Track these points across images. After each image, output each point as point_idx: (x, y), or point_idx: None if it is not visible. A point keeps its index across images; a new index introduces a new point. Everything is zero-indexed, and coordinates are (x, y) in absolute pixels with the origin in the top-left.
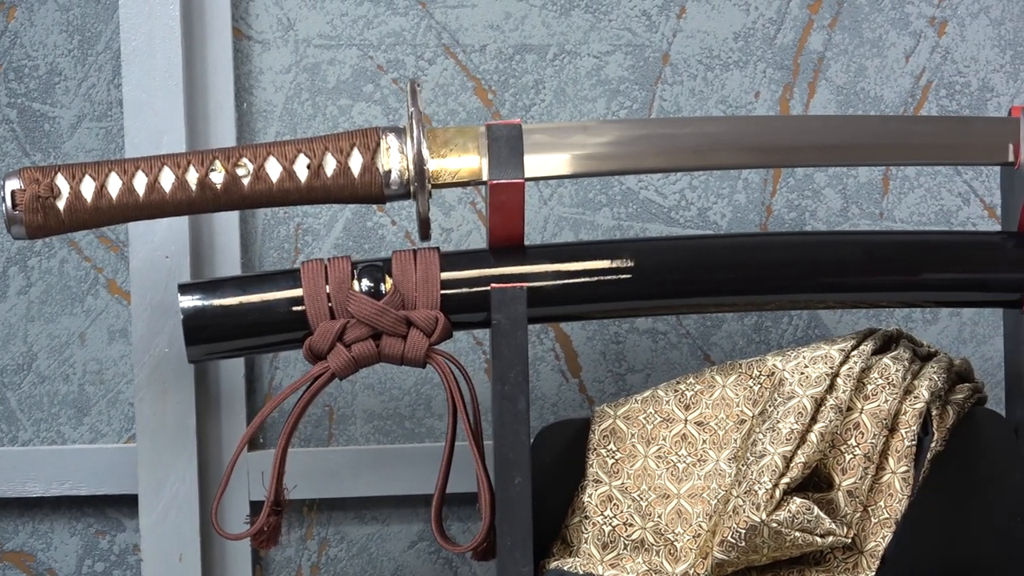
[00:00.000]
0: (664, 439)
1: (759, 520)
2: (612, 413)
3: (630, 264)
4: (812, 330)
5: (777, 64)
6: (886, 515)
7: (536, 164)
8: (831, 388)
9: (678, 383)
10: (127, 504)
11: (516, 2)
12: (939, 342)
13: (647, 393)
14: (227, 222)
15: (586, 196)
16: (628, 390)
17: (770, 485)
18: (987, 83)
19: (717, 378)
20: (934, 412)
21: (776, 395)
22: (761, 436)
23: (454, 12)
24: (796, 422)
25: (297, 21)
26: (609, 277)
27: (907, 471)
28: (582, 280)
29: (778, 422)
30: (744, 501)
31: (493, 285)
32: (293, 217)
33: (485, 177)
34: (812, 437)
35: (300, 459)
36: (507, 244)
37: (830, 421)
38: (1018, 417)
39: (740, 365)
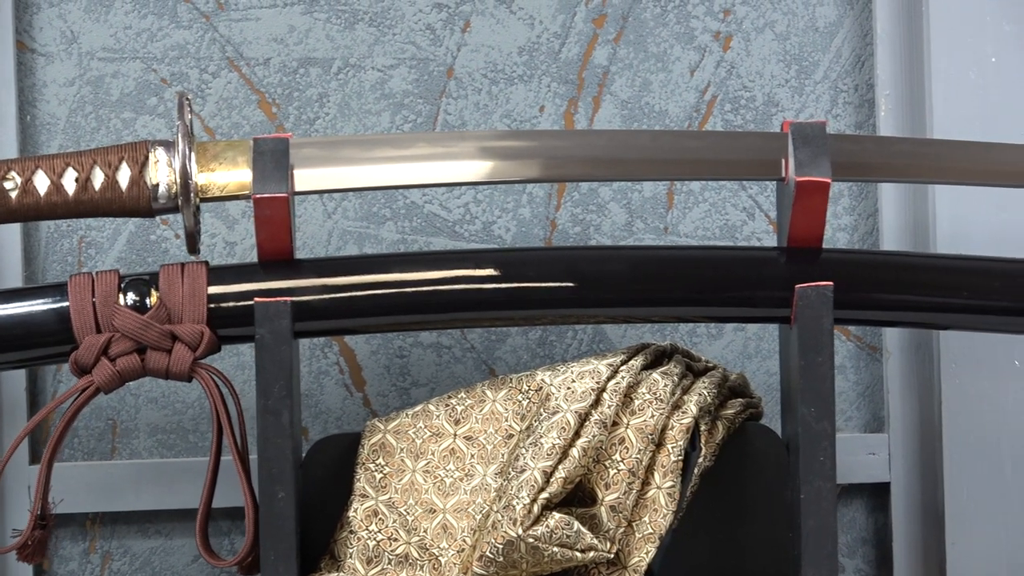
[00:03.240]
0: (433, 454)
1: (516, 535)
2: (382, 428)
3: (399, 278)
4: (597, 344)
5: (562, 78)
6: (650, 530)
7: (307, 178)
8: (597, 403)
9: (449, 397)
10: None
11: (300, 16)
12: (724, 357)
13: (418, 408)
14: (9, 235)
15: (370, 210)
16: (413, 404)
17: (528, 500)
18: (772, 98)
19: (488, 392)
20: (703, 427)
21: (542, 410)
22: (524, 451)
23: (238, 25)
24: (559, 437)
25: (81, 34)
26: (379, 291)
27: (673, 486)
28: (351, 294)
29: (541, 437)
30: (503, 516)
31: (256, 299)
32: (77, 230)
33: (251, 191)
34: (574, 452)
35: (82, 472)
36: (275, 258)
37: (594, 436)
38: (790, 432)
39: (511, 379)
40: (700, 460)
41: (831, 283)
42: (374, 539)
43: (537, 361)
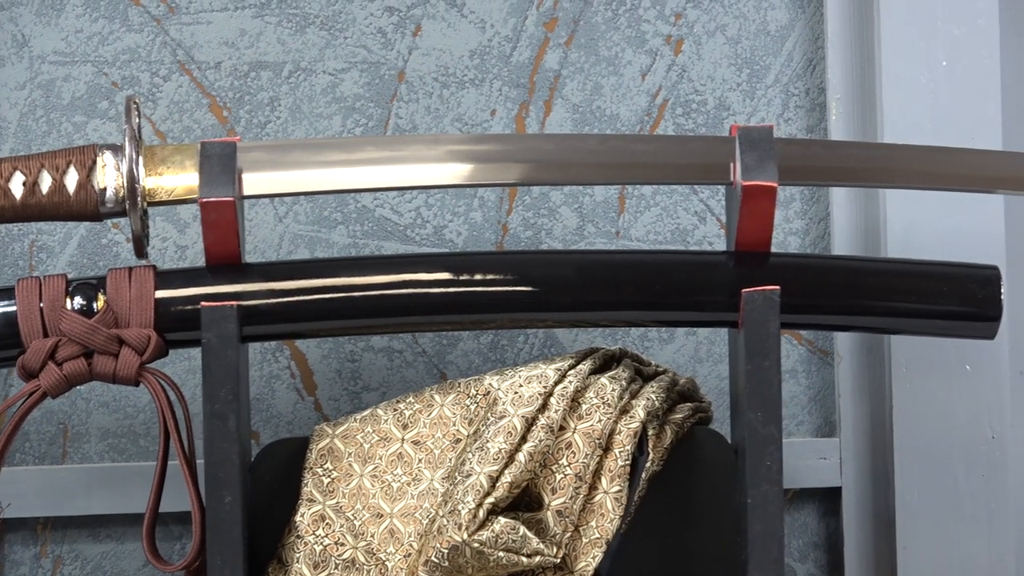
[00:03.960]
0: (381, 458)
1: (461, 540)
2: (330, 432)
3: (347, 282)
4: (548, 348)
5: (513, 82)
6: (597, 535)
7: (255, 182)
8: (544, 407)
9: (398, 402)
10: None
11: (251, 19)
12: (675, 361)
13: (367, 412)
14: None
15: (321, 214)
16: (364, 408)
17: (473, 505)
18: (724, 102)
19: (436, 397)
20: (651, 432)
21: (490, 414)
22: (470, 456)
23: (189, 29)
24: (505, 442)
25: (32, 38)
26: (327, 295)
27: (620, 491)
28: (300, 298)
29: (487, 442)
30: (448, 521)
31: (203, 303)
32: (28, 234)
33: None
34: (520, 457)
35: (33, 476)
36: (223, 262)
37: (540, 441)
38: (739, 436)
39: (459, 384)
40: (648, 465)
41: (778, 287)
42: (321, 544)
43: (489, 365)
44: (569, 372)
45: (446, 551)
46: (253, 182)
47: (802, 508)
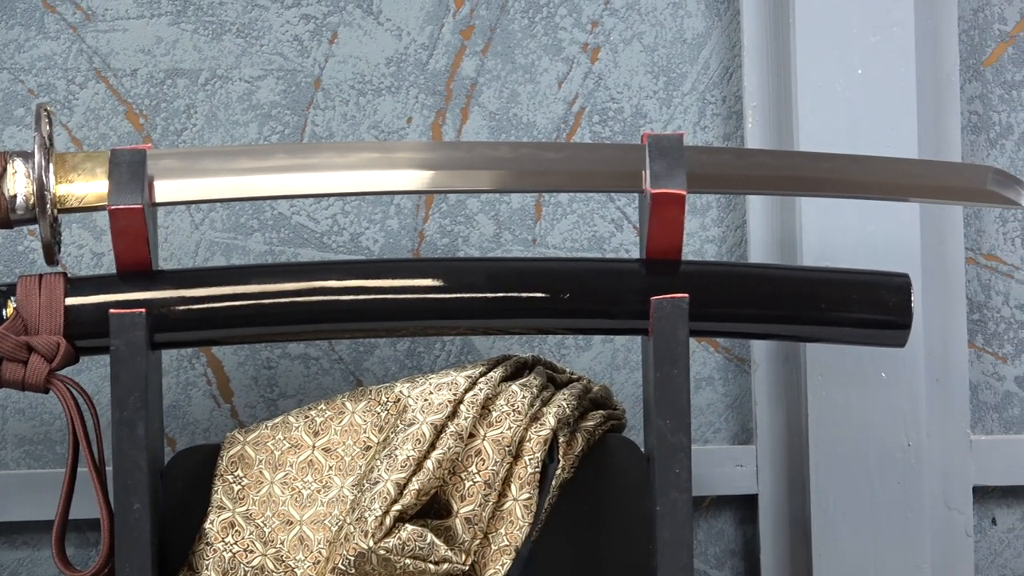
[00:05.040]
0: (291, 465)
1: (367, 547)
2: (242, 439)
3: (258, 289)
4: (465, 355)
5: (430, 89)
6: (506, 542)
7: (166, 189)
8: (453, 415)
9: (309, 409)
10: None
11: (168, 27)
12: (592, 368)
13: (278, 419)
14: None
15: (238, 221)
16: (280, 415)
17: (380, 512)
18: (640, 109)
19: (347, 404)
20: (562, 439)
21: (399, 422)
22: (379, 463)
23: (105, 36)
24: (413, 449)
25: None
26: (238, 303)
27: (529, 498)
28: (211, 305)
29: (396, 449)
30: (355, 528)
31: (112, 311)
32: None
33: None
34: (429, 464)
35: None
36: (133, 269)
37: (449, 448)
38: (649, 444)
39: (370, 391)
40: (558, 472)
41: (686, 295)
42: (230, 551)
43: (405, 372)
44: (480, 379)
45: (352, 558)
46: (164, 189)
47: (719, 515)
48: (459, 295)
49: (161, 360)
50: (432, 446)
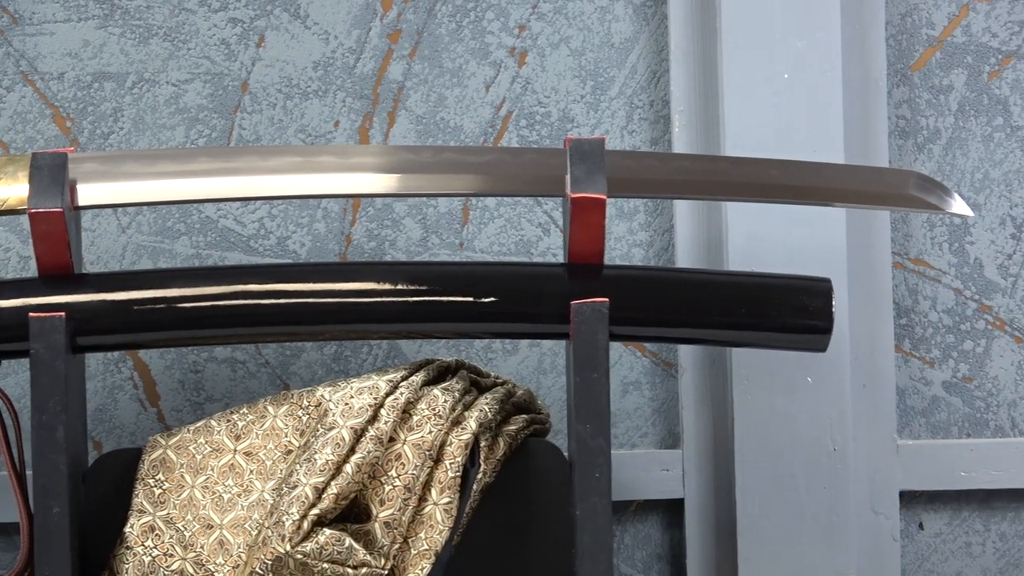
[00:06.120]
0: (212, 469)
1: (284, 551)
2: (164, 443)
3: (180, 293)
4: (392, 359)
5: (357, 93)
6: (426, 546)
7: (88, 193)
8: (374, 419)
9: (232, 413)
10: None
11: (95, 30)
12: (519, 372)
13: (200, 423)
14: None
15: (164, 224)
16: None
17: (298, 516)
18: (567, 113)
19: (269, 408)
20: (483, 443)
21: (320, 426)
22: (298, 467)
23: (32, 40)
24: (333, 453)
25: None
26: (160, 306)
27: (450, 502)
28: (132, 309)
29: (316, 453)
30: (272, 532)
31: (31, 314)
32: None
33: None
34: (348, 468)
35: None
36: (55, 272)
37: (369, 452)
38: (572, 448)
39: (292, 395)
40: (480, 476)
41: (607, 300)
42: (150, 555)
43: (332, 376)
44: (401, 383)
45: (270, 562)
46: (86, 193)
47: (646, 519)
48: (381, 299)
49: (84, 364)
50: (352, 450)
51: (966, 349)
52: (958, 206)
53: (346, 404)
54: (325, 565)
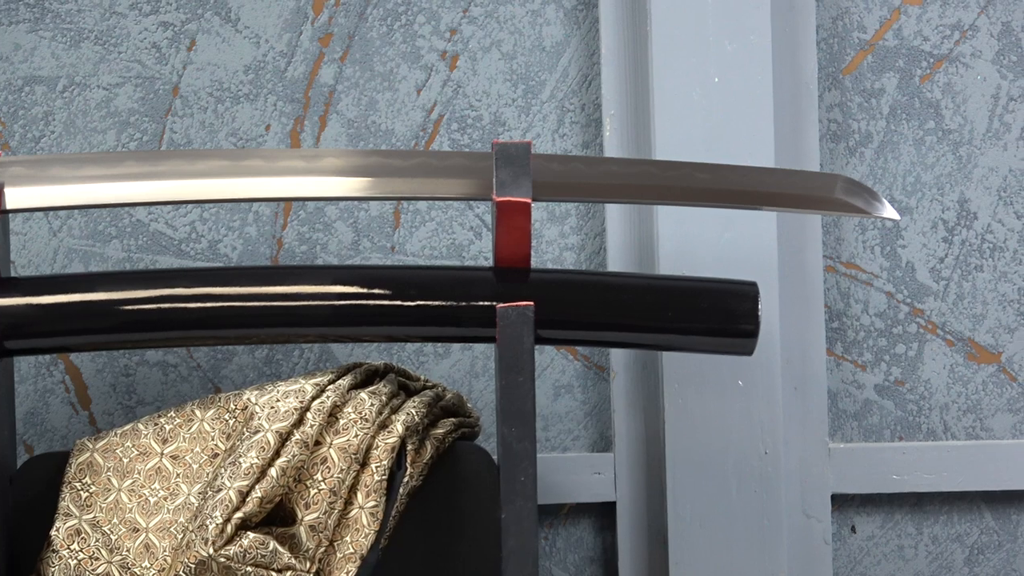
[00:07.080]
0: (139, 473)
1: (207, 554)
2: (91, 446)
3: (110, 297)
4: (324, 363)
5: (288, 97)
6: (352, 550)
7: (16, 196)
8: (299, 422)
9: (159, 416)
10: None
11: (26, 33)
12: (451, 376)
13: (128, 427)
14: None
15: (96, 228)
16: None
17: (221, 520)
18: (499, 117)
19: (197, 412)
20: (410, 446)
21: (245, 429)
22: (223, 471)
23: None
24: (258, 456)
25: None
26: (90, 310)
27: (376, 506)
28: (63, 313)
29: (240, 456)
30: (196, 536)
31: None
32: None
33: None
34: (273, 472)
35: None
36: None
37: (294, 456)
38: (498, 451)
39: (220, 399)
40: (406, 480)
41: (532, 303)
42: (75, 558)
43: (263, 380)
44: (328, 387)
45: (193, 566)
46: (13, 196)
47: (578, 523)
48: (308, 303)
49: (13, 367)
50: (277, 454)
51: (898, 352)
52: (886, 210)
53: (272, 408)
54: (249, 568)
